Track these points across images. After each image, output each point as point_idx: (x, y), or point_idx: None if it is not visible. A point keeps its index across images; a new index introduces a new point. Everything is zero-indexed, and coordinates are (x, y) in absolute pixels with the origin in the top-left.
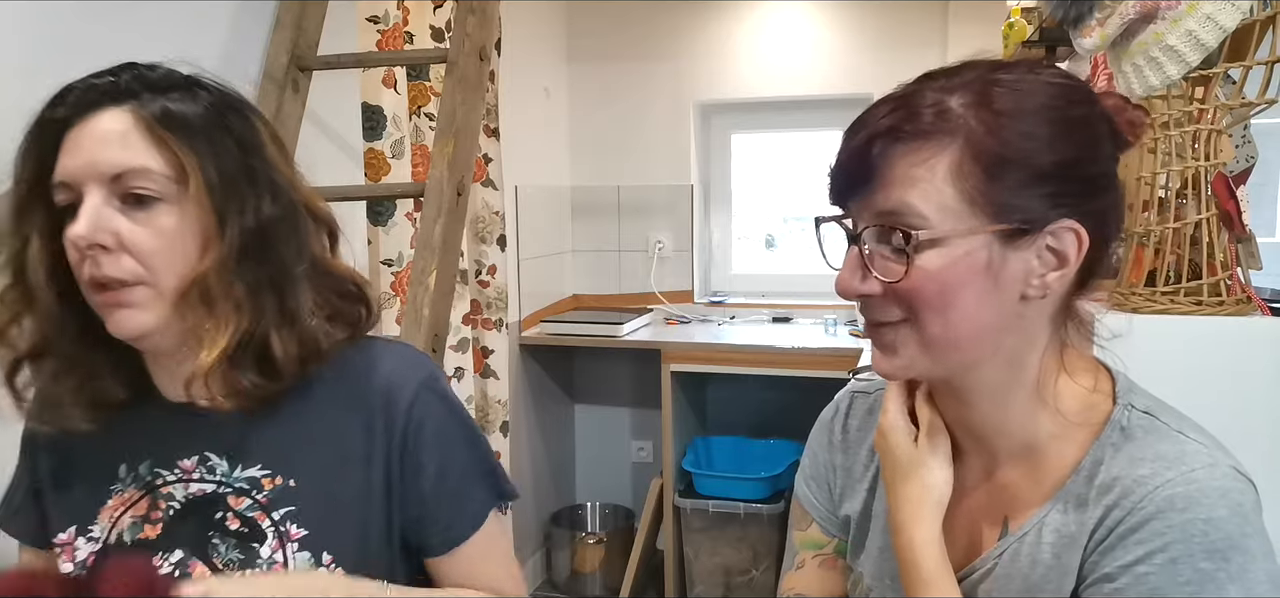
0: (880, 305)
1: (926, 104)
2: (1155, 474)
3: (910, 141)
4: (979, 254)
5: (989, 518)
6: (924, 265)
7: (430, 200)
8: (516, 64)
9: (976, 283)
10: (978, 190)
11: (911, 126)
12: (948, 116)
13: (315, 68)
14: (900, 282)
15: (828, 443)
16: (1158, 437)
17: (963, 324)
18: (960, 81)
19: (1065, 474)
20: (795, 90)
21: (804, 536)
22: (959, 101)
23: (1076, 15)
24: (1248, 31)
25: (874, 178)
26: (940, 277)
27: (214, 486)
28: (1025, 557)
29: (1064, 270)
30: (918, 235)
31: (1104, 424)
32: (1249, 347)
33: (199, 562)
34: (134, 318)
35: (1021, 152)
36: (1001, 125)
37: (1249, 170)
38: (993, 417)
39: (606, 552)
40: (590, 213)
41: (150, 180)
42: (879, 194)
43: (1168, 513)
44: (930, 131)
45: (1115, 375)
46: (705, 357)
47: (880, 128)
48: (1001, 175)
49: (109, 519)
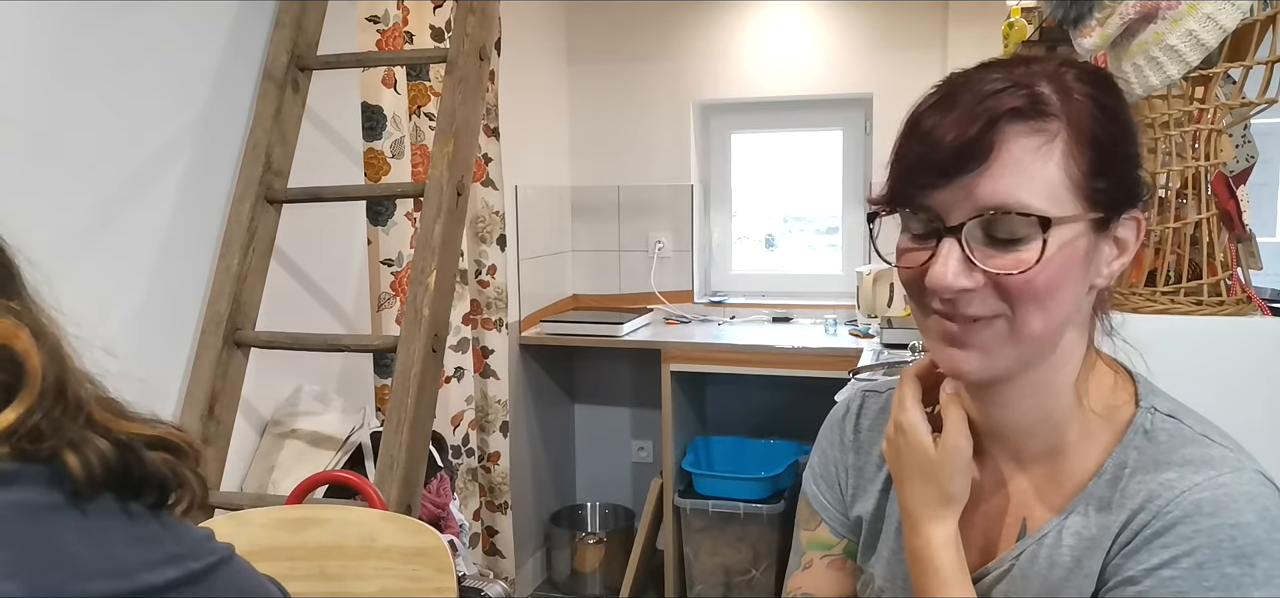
0: (978, 301)
1: (1047, 80)
2: (1181, 478)
3: (1032, 121)
4: (1080, 243)
5: (1006, 519)
6: (1037, 252)
7: (430, 200)
8: (516, 64)
9: (1075, 272)
10: (1084, 176)
11: (1037, 105)
12: (1069, 95)
13: (315, 67)
14: (1014, 276)
15: (839, 442)
16: (1183, 442)
17: (1058, 315)
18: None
19: (1087, 476)
20: (795, 90)
21: (812, 536)
22: (1078, 87)
23: (1076, 15)
24: (1248, 31)
25: (985, 163)
26: (1051, 267)
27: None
28: (1043, 558)
29: (1124, 258)
30: (1036, 224)
31: (1127, 427)
32: (1249, 346)
33: None
34: None
35: (1118, 139)
36: (1109, 113)
37: (1249, 170)
38: (1030, 416)
39: (606, 552)
40: (590, 213)
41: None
42: (990, 181)
43: (1195, 518)
44: (1051, 110)
45: (1136, 377)
46: (705, 357)
47: (1001, 108)
48: (1102, 162)
49: None
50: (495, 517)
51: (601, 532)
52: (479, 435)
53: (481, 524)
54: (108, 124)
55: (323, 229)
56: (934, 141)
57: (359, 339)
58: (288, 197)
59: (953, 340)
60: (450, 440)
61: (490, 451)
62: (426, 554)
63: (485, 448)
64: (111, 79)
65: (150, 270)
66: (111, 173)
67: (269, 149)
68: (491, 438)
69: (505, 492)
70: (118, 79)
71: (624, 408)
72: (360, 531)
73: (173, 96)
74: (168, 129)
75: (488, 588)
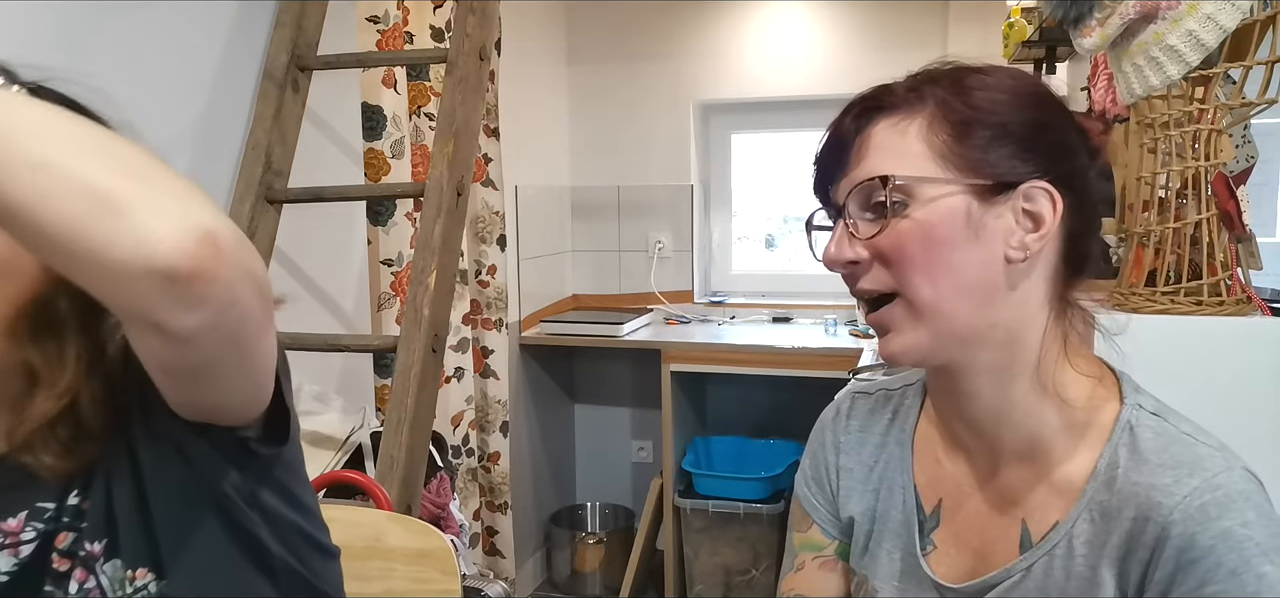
0: (868, 274)
1: (899, 84)
2: (1178, 483)
3: (885, 113)
4: (957, 206)
5: (1002, 520)
6: (905, 221)
7: (430, 200)
8: (516, 64)
9: (958, 238)
10: (948, 148)
11: (886, 99)
12: (918, 90)
13: (315, 67)
14: (882, 235)
15: (829, 444)
16: (1169, 440)
17: (948, 281)
18: (935, 72)
19: (1082, 479)
20: (795, 90)
21: (804, 537)
22: (929, 80)
23: (1076, 15)
24: (1248, 31)
25: (852, 151)
26: (922, 229)
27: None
28: (1059, 570)
29: (1042, 232)
30: (895, 187)
31: (1113, 425)
32: (1249, 347)
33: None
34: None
35: (989, 112)
36: (969, 94)
37: (1249, 170)
38: (995, 403)
39: (606, 552)
40: (590, 213)
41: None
42: (858, 166)
43: (1207, 524)
44: (902, 102)
45: (1120, 376)
46: (705, 357)
47: (855, 107)
48: (970, 134)
49: None
50: (495, 517)
51: (601, 532)
52: (479, 435)
53: (481, 524)
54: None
55: (323, 229)
56: (820, 150)
57: (359, 339)
58: (288, 197)
59: (875, 329)
60: (450, 441)
61: (490, 450)
62: (431, 556)
63: (485, 448)
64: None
65: None
66: None
67: (269, 149)
68: (491, 438)
69: (505, 492)
70: (118, 79)
71: (624, 408)
72: (366, 531)
73: (173, 96)
74: (168, 129)
75: (488, 588)
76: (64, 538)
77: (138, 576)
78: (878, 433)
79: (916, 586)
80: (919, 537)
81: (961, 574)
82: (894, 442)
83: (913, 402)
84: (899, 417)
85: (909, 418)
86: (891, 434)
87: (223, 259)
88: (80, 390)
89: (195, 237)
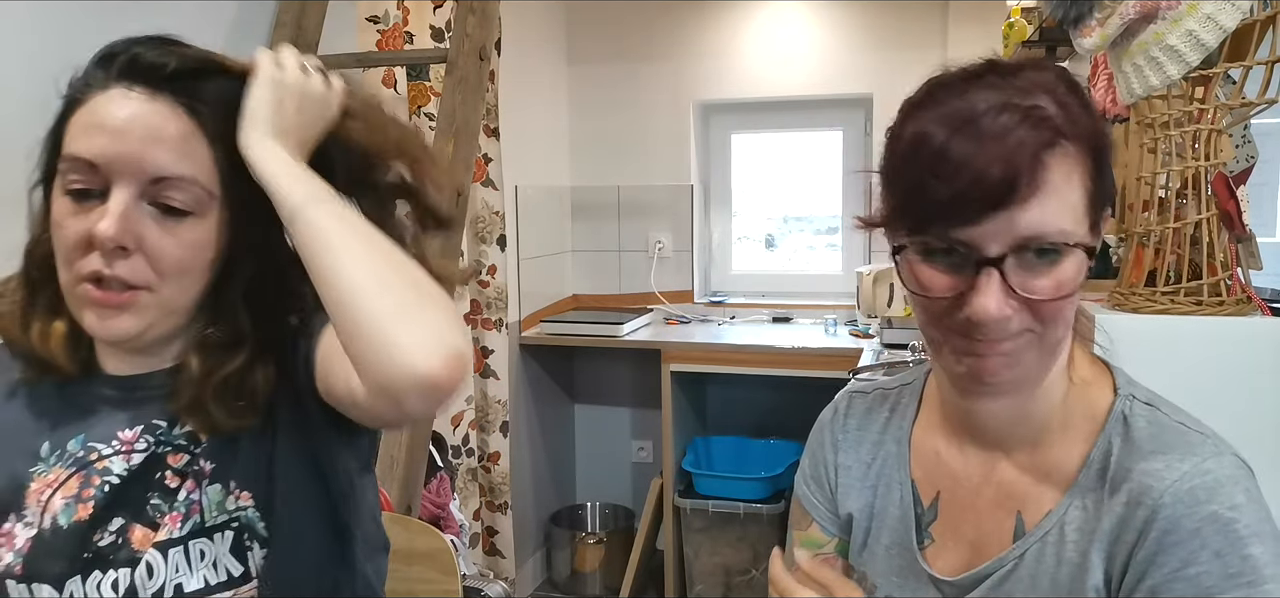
0: (1015, 322)
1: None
2: (1168, 468)
3: (1055, 148)
4: (1085, 258)
5: (997, 512)
6: (1067, 276)
7: None
8: (516, 64)
9: (1081, 281)
10: (1093, 190)
11: (1058, 132)
12: (1070, 114)
13: None
14: (1052, 299)
15: (827, 443)
16: (1161, 429)
17: (1066, 331)
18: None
19: (1074, 468)
20: (795, 90)
21: (804, 535)
22: (1072, 100)
23: (1076, 15)
24: (1248, 31)
25: (1020, 193)
26: (1065, 286)
27: (153, 446)
28: (1050, 557)
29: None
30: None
31: (1107, 416)
32: (1249, 346)
33: (139, 525)
34: (127, 323)
35: (1103, 143)
36: (1099, 122)
37: (1249, 170)
38: (1018, 409)
39: (606, 552)
40: (590, 213)
41: (189, 193)
42: (1030, 211)
43: (1194, 507)
44: (1064, 132)
45: (1113, 369)
46: (705, 357)
47: (1024, 139)
48: (1101, 171)
49: (38, 503)
50: (495, 517)
51: (601, 532)
52: (479, 435)
53: (481, 524)
54: None
55: None
56: (974, 175)
57: None
58: None
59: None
60: (450, 440)
61: (490, 450)
62: (431, 557)
63: (485, 448)
64: None
65: None
66: None
67: None
68: (491, 438)
69: (505, 492)
70: None
71: (624, 408)
72: None
73: None
74: None
75: (488, 588)
76: (179, 458)
77: (241, 498)
78: (875, 431)
79: (914, 581)
80: (917, 532)
81: (958, 567)
82: (891, 439)
83: (909, 400)
84: (896, 415)
85: (906, 416)
86: (889, 432)
87: (462, 374)
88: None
89: (452, 358)
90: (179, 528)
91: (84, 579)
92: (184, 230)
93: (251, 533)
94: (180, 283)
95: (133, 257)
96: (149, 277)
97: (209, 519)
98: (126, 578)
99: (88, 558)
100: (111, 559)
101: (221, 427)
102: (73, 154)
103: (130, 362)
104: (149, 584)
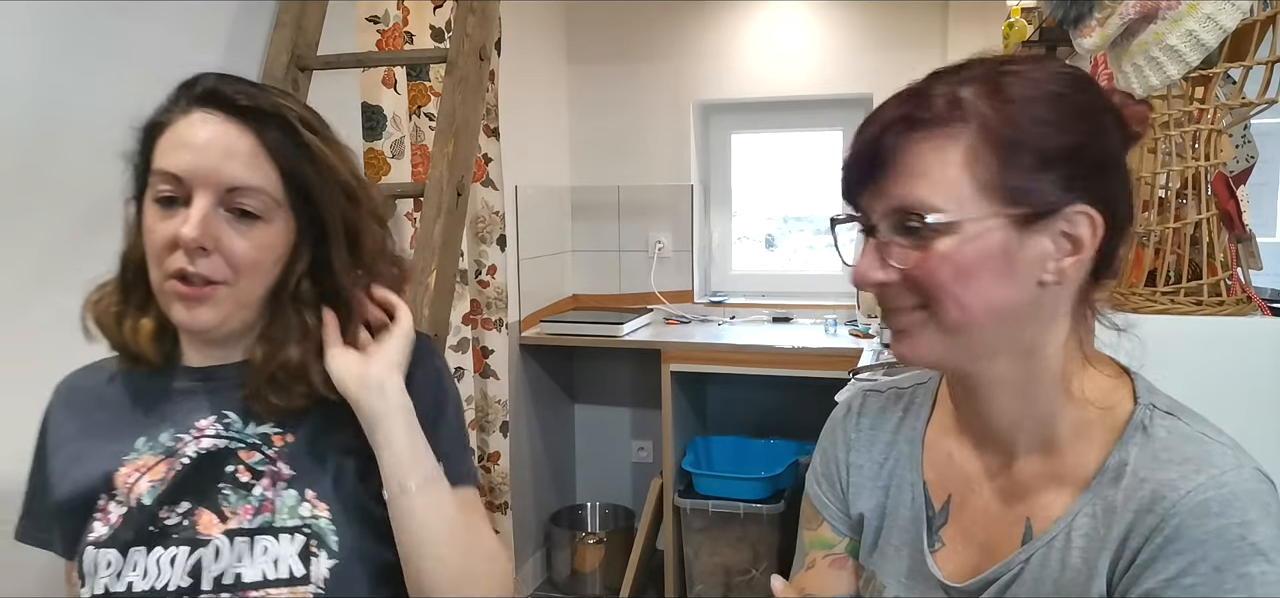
0: (897, 293)
1: (938, 94)
2: (1184, 478)
3: (923, 130)
4: (994, 238)
5: (1008, 517)
6: (940, 250)
7: (430, 200)
8: (516, 64)
9: (992, 267)
10: (991, 176)
11: (924, 115)
12: (960, 105)
13: (315, 68)
14: (916, 267)
15: (840, 442)
16: (1182, 439)
17: (978, 306)
18: (970, 74)
19: (1089, 474)
20: (795, 90)
21: (814, 535)
22: (970, 91)
23: (1076, 15)
24: (1248, 31)
25: (887, 168)
26: (955, 260)
27: (227, 441)
28: (1055, 562)
29: (1080, 256)
30: (932, 221)
31: (1126, 423)
32: (1249, 346)
33: (206, 510)
34: (208, 313)
35: (1033, 136)
36: (1013, 111)
37: (1249, 170)
38: (1013, 411)
39: (606, 552)
40: (590, 213)
41: (259, 200)
42: (893, 185)
43: (1203, 519)
44: (942, 119)
45: (1134, 376)
46: (705, 357)
47: (892, 119)
48: (1014, 160)
49: (126, 484)
50: (495, 517)
51: (601, 532)
52: (479, 435)
53: None
54: (108, 124)
55: None
56: (850, 157)
57: None
58: None
59: (890, 328)
60: None
61: (490, 450)
62: None
63: (485, 448)
64: (111, 79)
65: None
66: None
67: None
68: (491, 438)
69: (505, 492)
70: (117, 79)
71: (624, 408)
72: None
73: None
74: None
75: None
76: (252, 454)
77: (318, 507)
78: (888, 430)
79: (923, 583)
80: (927, 534)
81: (967, 571)
82: (904, 439)
83: (924, 400)
84: (910, 414)
85: (920, 416)
86: (902, 432)
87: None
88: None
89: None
90: (249, 520)
91: (149, 550)
92: (255, 233)
93: (320, 542)
94: (252, 279)
95: (211, 256)
96: (226, 273)
97: (279, 521)
98: (185, 555)
99: (153, 532)
100: (175, 537)
101: (279, 409)
102: (161, 168)
103: (206, 354)
104: (214, 566)
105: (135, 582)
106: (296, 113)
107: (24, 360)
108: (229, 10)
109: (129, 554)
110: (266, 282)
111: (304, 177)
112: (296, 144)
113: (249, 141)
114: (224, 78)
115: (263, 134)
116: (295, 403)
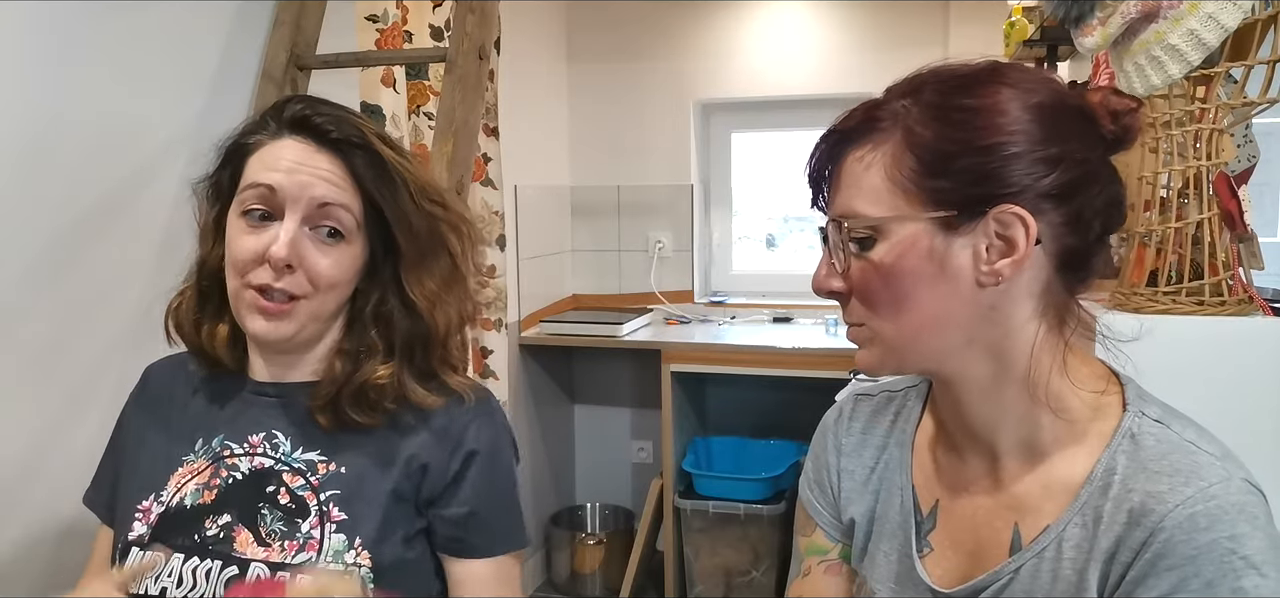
0: (849, 304)
1: (874, 106)
2: (1172, 490)
3: (852, 142)
4: (920, 243)
5: (996, 522)
6: (869, 257)
7: None
8: (516, 64)
9: (924, 270)
10: (911, 180)
11: (856, 127)
12: (889, 114)
13: (314, 67)
14: (857, 275)
15: (831, 447)
16: (1170, 448)
17: (915, 316)
18: (911, 85)
19: (1077, 483)
20: (795, 90)
21: (808, 541)
22: (905, 102)
23: (1078, 14)
24: (1249, 30)
25: (828, 181)
26: (883, 267)
27: (273, 461)
28: (1046, 573)
29: (1015, 257)
30: (854, 225)
31: (1114, 431)
32: (1251, 347)
33: (244, 528)
34: (286, 327)
35: (955, 139)
36: (934, 115)
37: (1251, 170)
38: (985, 411)
39: (606, 552)
40: (590, 213)
41: (343, 220)
42: (833, 196)
43: (1192, 534)
44: (869, 129)
45: (1125, 381)
46: (705, 357)
47: (830, 134)
48: (935, 163)
49: (176, 485)
50: None
51: (601, 533)
52: None
53: None
54: (106, 123)
55: None
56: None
57: None
58: None
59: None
60: None
61: None
62: None
63: None
64: (110, 78)
65: (150, 270)
66: (110, 172)
67: None
68: None
69: None
70: (116, 79)
71: (624, 408)
72: None
73: (171, 96)
74: (167, 129)
75: None
76: (295, 479)
77: (361, 556)
78: (880, 435)
79: (912, 588)
80: (915, 539)
81: (955, 577)
82: (895, 443)
83: (915, 403)
84: (901, 418)
85: (911, 419)
86: (893, 436)
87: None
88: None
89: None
90: (293, 556)
91: (185, 559)
92: (336, 252)
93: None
94: (329, 295)
95: (295, 273)
96: (307, 288)
97: (323, 563)
98: (218, 570)
99: (195, 542)
100: (212, 551)
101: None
102: (257, 181)
103: (273, 369)
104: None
105: (170, 588)
106: (379, 136)
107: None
108: (228, 9)
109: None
110: (341, 298)
111: (382, 200)
112: (379, 170)
113: (337, 166)
114: (310, 102)
115: (349, 159)
116: (373, 420)
